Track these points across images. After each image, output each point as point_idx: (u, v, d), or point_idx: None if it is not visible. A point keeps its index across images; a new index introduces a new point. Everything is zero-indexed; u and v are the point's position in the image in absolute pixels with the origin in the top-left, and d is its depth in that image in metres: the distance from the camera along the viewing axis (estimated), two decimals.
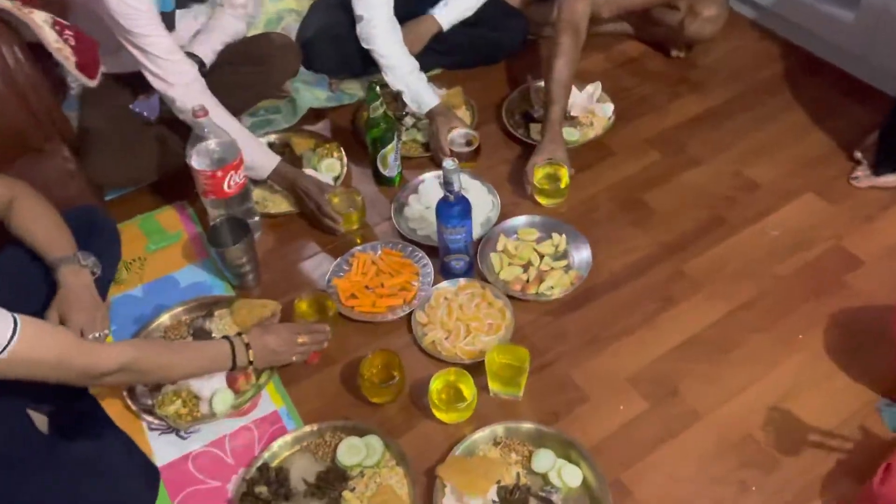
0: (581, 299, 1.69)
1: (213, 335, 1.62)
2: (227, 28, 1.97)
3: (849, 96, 2.13)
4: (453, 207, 1.59)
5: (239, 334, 1.49)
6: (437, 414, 1.48)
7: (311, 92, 2.17)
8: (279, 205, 1.91)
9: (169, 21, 1.81)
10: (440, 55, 2.23)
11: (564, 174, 1.84)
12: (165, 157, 1.87)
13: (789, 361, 1.54)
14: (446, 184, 1.55)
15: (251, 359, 1.47)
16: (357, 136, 2.08)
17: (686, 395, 1.50)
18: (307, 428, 1.48)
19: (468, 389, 1.48)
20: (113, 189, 1.95)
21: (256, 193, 1.91)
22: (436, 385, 1.49)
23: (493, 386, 1.51)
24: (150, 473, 1.41)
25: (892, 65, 2.06)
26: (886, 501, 1.19)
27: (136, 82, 1.93)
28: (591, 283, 1.71)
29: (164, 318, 1.67)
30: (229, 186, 1.70)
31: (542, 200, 1.88)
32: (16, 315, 1.13)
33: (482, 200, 1.88)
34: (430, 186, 1.91)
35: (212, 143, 1.66)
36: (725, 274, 1.71)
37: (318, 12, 2.20)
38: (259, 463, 1.43)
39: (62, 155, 1.66)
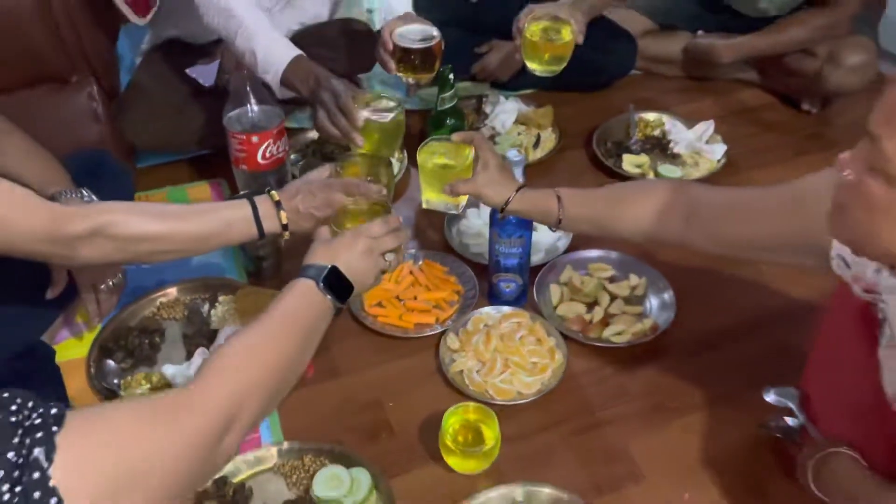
0: (652, 355, 1.36)
1: (212, 324, 1.38)
2: (307, 8, 1.81)
3: None
4: None
5: (268, 190, 1.14)
6: (448, 459, 1.16)
7: (386, 92, 1.96)
8: None
9: None
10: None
11: (567, 32, 1.53)
12: (210, 128, 1.68)
13: None
14: None
15: (284, 221, 1.12)
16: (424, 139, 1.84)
17: (776, 499, 1.14)
18: (286, 444, 1.19)
19: (491, 432, 1.17)
20: (147, 151, 1.76)
21: None
22: (451, 422, 1.18)
23: (429, 195, 1.31)
24: None
25: None
26: None
27: (201, 52, 1.80)
28: (669, 340, 1.38)
29: (161, 294, 1.45)
30: (264, 157, 1.49)
31: (532, 65, 1.58)
32: None
33: None
34: None
35: (252, 107, 1.46)
36: None
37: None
38: (218, 474, 1.15)
39: (88, 91, 1.50)
